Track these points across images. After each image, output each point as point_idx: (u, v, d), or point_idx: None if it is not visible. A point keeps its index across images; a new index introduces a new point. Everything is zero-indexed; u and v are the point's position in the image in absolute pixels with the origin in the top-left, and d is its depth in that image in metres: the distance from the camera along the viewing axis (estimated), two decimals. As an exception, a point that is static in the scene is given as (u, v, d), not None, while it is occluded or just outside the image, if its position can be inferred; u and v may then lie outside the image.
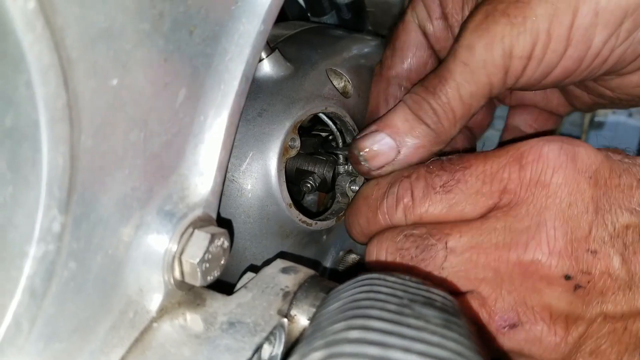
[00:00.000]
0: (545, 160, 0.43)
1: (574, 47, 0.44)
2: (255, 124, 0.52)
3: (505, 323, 0.42)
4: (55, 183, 0.26)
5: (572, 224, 0.41)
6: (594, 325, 0.41)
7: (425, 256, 0.44)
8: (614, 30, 0.43)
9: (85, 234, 0.30)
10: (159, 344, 0.36)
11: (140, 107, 0.32)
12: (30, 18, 0.23)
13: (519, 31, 0.44)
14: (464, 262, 0.43)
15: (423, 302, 0.31)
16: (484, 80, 0.46)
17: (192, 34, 0.35)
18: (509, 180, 0.43)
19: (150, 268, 0.37)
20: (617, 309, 0.41)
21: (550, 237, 0.41)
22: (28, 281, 0.27)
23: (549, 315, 0.42)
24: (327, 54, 0.60)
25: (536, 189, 0.42)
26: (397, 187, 0.48)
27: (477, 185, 0.44)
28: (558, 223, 0.41)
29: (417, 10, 0.58)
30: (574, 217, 0.41)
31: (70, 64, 0.26)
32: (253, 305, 0.38)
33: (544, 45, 0.44)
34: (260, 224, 0.53)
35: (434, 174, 0.47)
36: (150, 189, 0.35)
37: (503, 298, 0.42)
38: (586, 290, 0.41)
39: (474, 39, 0.45)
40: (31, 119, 0.25)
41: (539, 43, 0.44)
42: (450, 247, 0.44)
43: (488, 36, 0.45)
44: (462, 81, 0.47)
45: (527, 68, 0.45)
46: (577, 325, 0.41)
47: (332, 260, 0.63)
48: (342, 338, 0.26)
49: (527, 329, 0.42)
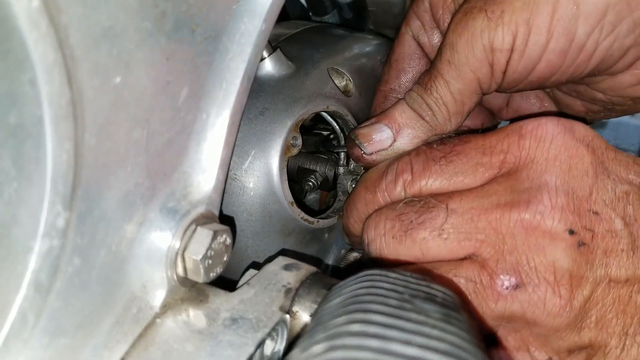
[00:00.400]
0: (544, 129, 0.43)
1: (556, 40, 0.44)
2: (257, 122, 0.53)
3: (507, 284, 0.41)
4: (59, 179, 0.27)
5: (573, 185, 0.41)
6: (598, 290, 0.41)
7: (425, 218, 0.44)
8: (596, 22, 0.43)
9: (89, 230, 0.31)
10: (162, 339, 0.36)
11: (142, 105, 0.33)
12: (35, 16, 0.24)
13: (496, 24, 0.44)
14: (464, 223, 0.43)
15: (424, 297, 0.31)
16: (470, 76, 0.47)
17: (194, 32, 0.35)
18: (508, 151, 0.44)
19: (153, 264, 0.37)
20: (622, 272, 0.40)
21: (552, 195, 0.41)
22: (33, 276, 0.27)
23: (552, 276, 0.41)
24: (328, 53, 0.60)
25: (536, 154, 0.43)
26: (396, 164, 0.48)
27: (477, 157, 0.45)
28: (559, 183, 0.41)
29: (411, 23, 0.59)
30: (574, 179, 0.42)
31: (74, 62, 0.26)
32: (255, 302, 0.39)
33: (524, 36, 0.44)
34: (262, 222, 0.54)
35: (434, 148, 0.47)
36: (153, 186, 0.36)
37: (505, 258, 0.41)
38: (590, 248, 0.40)
39: (455, 37, 0.47)
40: (35, 117, 0.25)
41: (519, 35, 0.44)
42: (451, 208, 0.43)
43: (468, 33, 0.46)
44: (450, 78, 0.48)
45: (511, 61, 0.46)
46: (582, 287, 0.40)
47: (334, 258, 0.63)
48: (344, 331, 0.26)
49: (530, 290, 0.41)
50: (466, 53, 0.46)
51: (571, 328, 0.41)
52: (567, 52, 0.45)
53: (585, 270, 0.41)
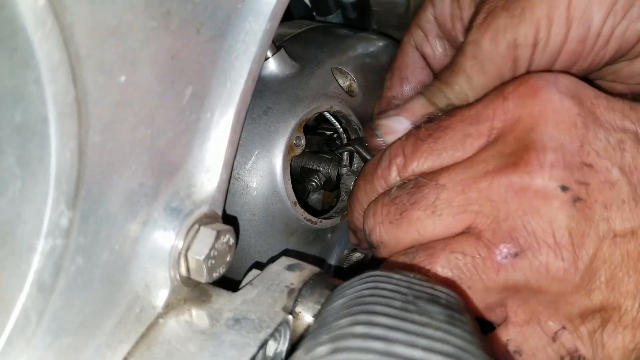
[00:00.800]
0: (526, 87, 0.42)
1: (575, 28, 0.44)
2: (261, 122, 0.53)
3: (506, 253, 0.39)
4: (63, 178, 0.27)
5: (561, 140, 0.40)
6: (604, 247, 0.39)
7: (417, 198, 0.43)
8: (610, 7, 0.43)
9: (93, 230, 0.31)
10: (165, 339, 0.36)
11: (147, 104, 0.33)
12: (40, 15, 0.23)
13: (519, 21, 0.45)
14: (455, 196, 0.42)
15: (427, 298, 0.31)
16: (494, 72, 0.48)
17: (199, 32, 0.35)
18: (494, 117, 0.43)
19: (156, 264, 0.37)
20: (626, 225, 0.38)
21: (539, 153, 0.39)
22: (36, 275, 0.27)
23: (551, 238, 0.39)
24: (332, 52, 0.60)
25: (521, 113, 0.42)
26: (389, 150, 0.48)
27: (464, 128, 0.44)
28: (547, 139, 0.40)
29: (413, 33, 0.60)
30: (562, 133, 0.40)
31: (79, 61, 0.26)
32: (258, 302, 0.39)
33: (546, 29, 0.45)
34: (266, 222, 0.54)
35: (421, 128, 0.47)
36: (157, 185, 0.36)
37: (500, 227, 0.40)
38: (587, 203, 0.39)
39: (479, 35, 0.47)
40: (40, 115, 0.25)
41: (542, 29, 0.45)
42: (441, 184, 0.42)
43: (491, 30, 0.47)
44: (473, 74, 0.48)
45: (534, 55, 0.46)
46: (585, 246, 0.38)
47: (336, 258, 0.63)
48: (348, 333, 0.26)
49: (530, 256, 0.39)
50: (490, 49, 0.47)
51: (580, 291, 0.39)
52: (586, 40, 0.45)
53: (586, 227, 0.38)
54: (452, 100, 0.50)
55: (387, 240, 0.45)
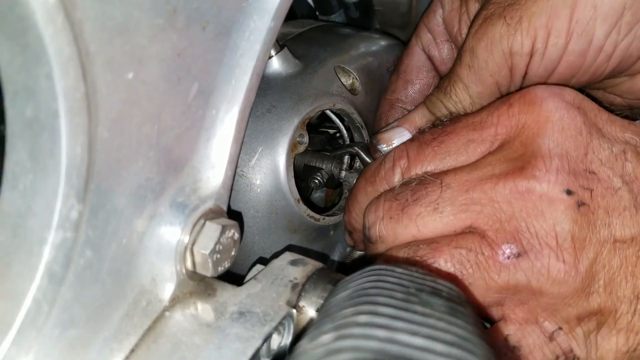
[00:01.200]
0: (533, 95, 0.43)
1: (575, 42, 0.44)
2: (265, 120, 0.53)
3: (509, 253, 0.40)
4: (73, 172, 0.27)
5: (566, 146, 0.41)
6: (604, 252, 0.39)
7: (420, 194, 0.44)
8: (614, 23, 0.43)
9: (101, 223, 0.31)
10: (171, 332, 0.37)
11: (154, 101, 0.33)
12: (51, 12, 0.24)
13: (515, 30, 0.45)
14: (459, 196, 0.42)
15: (429, 291, 0.32)
16: (489, 80, 0.48)
17: (204, 29, 0.36)
18: (499, 123, 0.44)
19: (162, 258, 0.37)
20: (626, 232, 0.39)
21: (545, 158, 0.40)
22: (47, 266, 0.28)
23: (554, 240, 0.39)
24: (335, 51, 0.60)
25: (526, 120, 0.42)
26: (393, 153, 0.49)
27: (468, 134, 0.45)
28: (553, 145, 0.41)
29: (421, 35, 0.60)
30: (568, 139, 0.41)
31: (88, 57, 0.27)
32: (262, 296, 0.39)
33: (543, 40, 0.45)
34: (269, 219, 0.54)
35: (426, 133, 0.48)
36: (163, 180, 0.36)
37: (503, 228, 0.41)
38: (590, 208, 0.39)
39: (475, 42, 0.48)
40: (51, 110, 0.26)
41: (539, 38, 0.45)
42: (446, 183, 0.43)
43: (487, 38, 0.47)
44: (469, 82, 0.49)
45: (531, 64, 0.46)
46: (586, 250, 0.39)
47: (339, 255, 0.64)
48: (351, 321, 0.27)
49: (533, 257, 0.40)
50: (485, 58, 0.47)
51: (579, 294, 0.40)
52: (587, 53, 0.45)
53: (588, 232, 0.39)
54: (451, 109, 0.50)
55: (385, 235, 0.46)
